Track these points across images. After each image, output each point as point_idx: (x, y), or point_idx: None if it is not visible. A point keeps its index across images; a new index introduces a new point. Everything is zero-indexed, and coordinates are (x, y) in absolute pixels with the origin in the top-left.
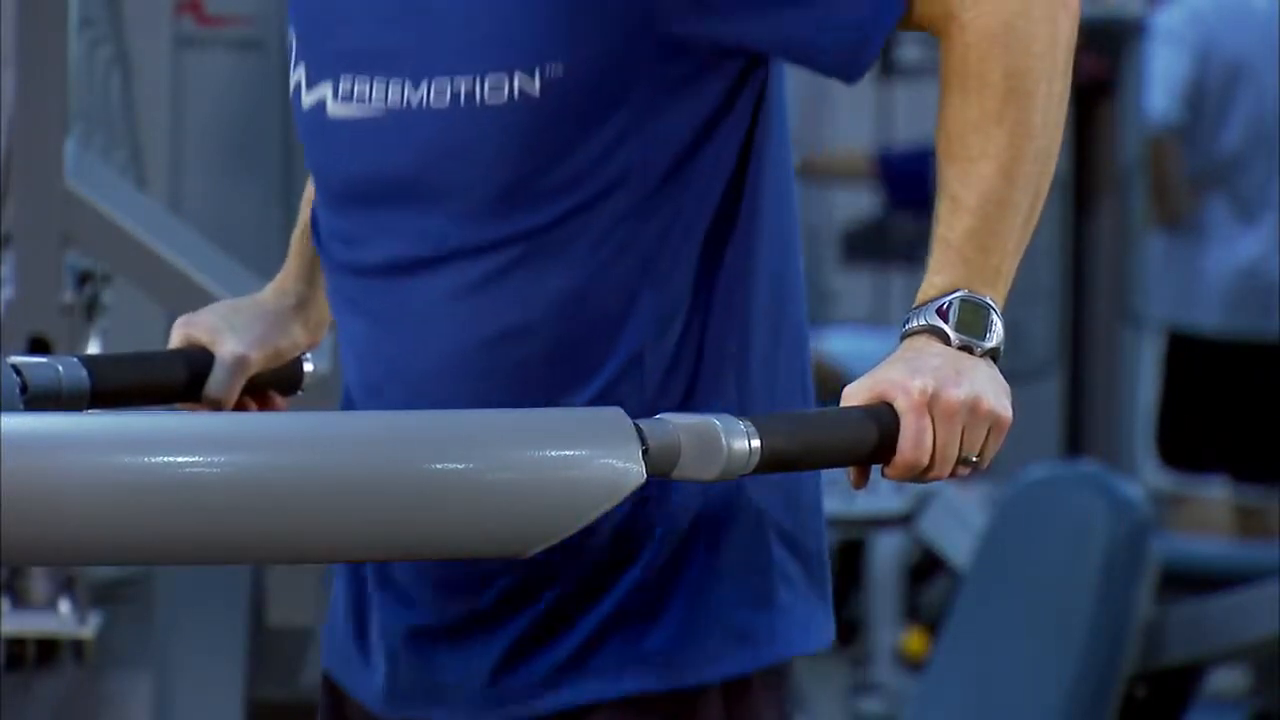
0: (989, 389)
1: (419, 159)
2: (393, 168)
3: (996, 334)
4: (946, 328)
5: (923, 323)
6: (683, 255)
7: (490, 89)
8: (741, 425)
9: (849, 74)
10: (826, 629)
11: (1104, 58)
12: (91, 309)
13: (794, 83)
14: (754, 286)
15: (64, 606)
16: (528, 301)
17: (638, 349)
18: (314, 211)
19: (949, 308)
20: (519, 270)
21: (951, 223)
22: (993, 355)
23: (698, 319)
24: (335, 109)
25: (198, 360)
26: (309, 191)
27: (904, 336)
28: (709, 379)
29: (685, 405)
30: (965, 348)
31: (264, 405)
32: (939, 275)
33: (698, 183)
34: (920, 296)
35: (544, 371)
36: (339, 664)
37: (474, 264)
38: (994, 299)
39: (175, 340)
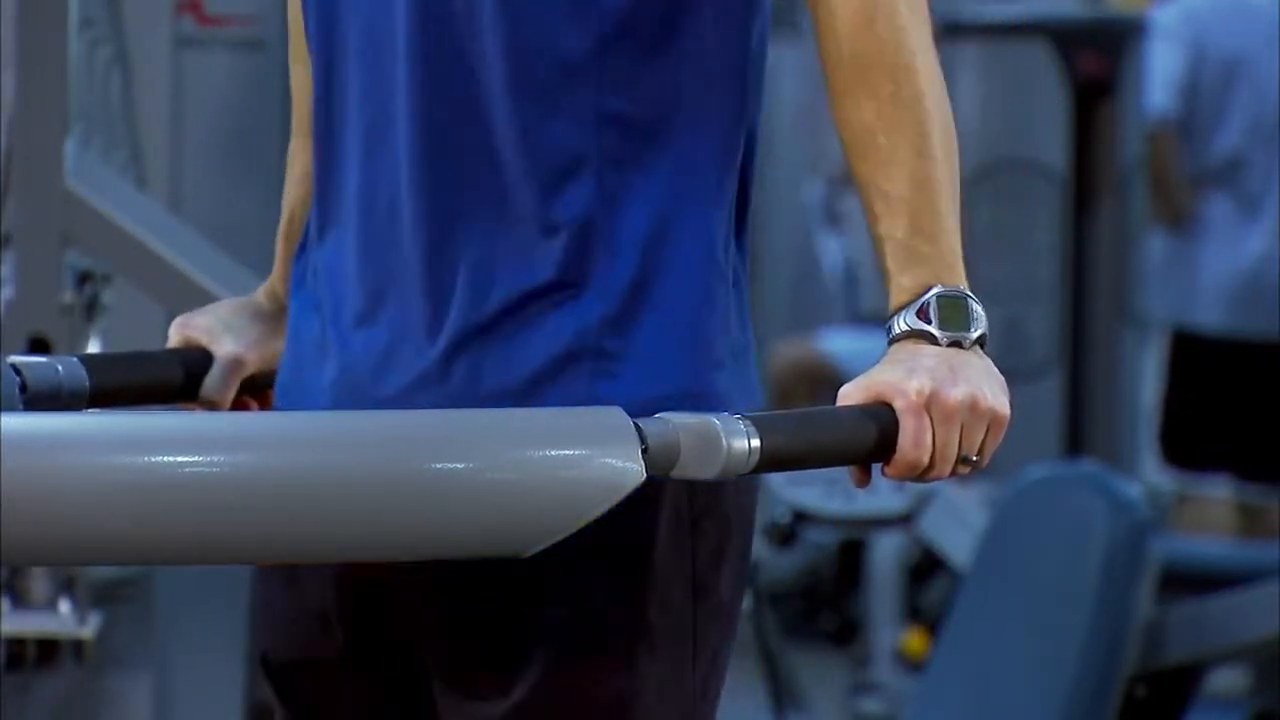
0: (986, 386)
1: None
2: None
3: (979, 322)
4: (932, 329)
5: (906, 328)
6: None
7: None
8: (741, 425)
9: None
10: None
11: (1104, 58)
12: (91, 309)
13: (794, 87)
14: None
15: (64, 606)
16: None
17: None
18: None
19: (928, 308)
20: None
21: (892, 220)
22: (980, 342)
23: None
24: None
25: (196, 360)
26: (290, 190)
27: (891, 343)
28: (678, 217)
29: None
30: (955, 343)
31: (263, 405)
32: (904, 276)
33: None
34: (894, 302)
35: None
36: (291, 379)
37: None
38: (964, 285)
39: (173, 340)
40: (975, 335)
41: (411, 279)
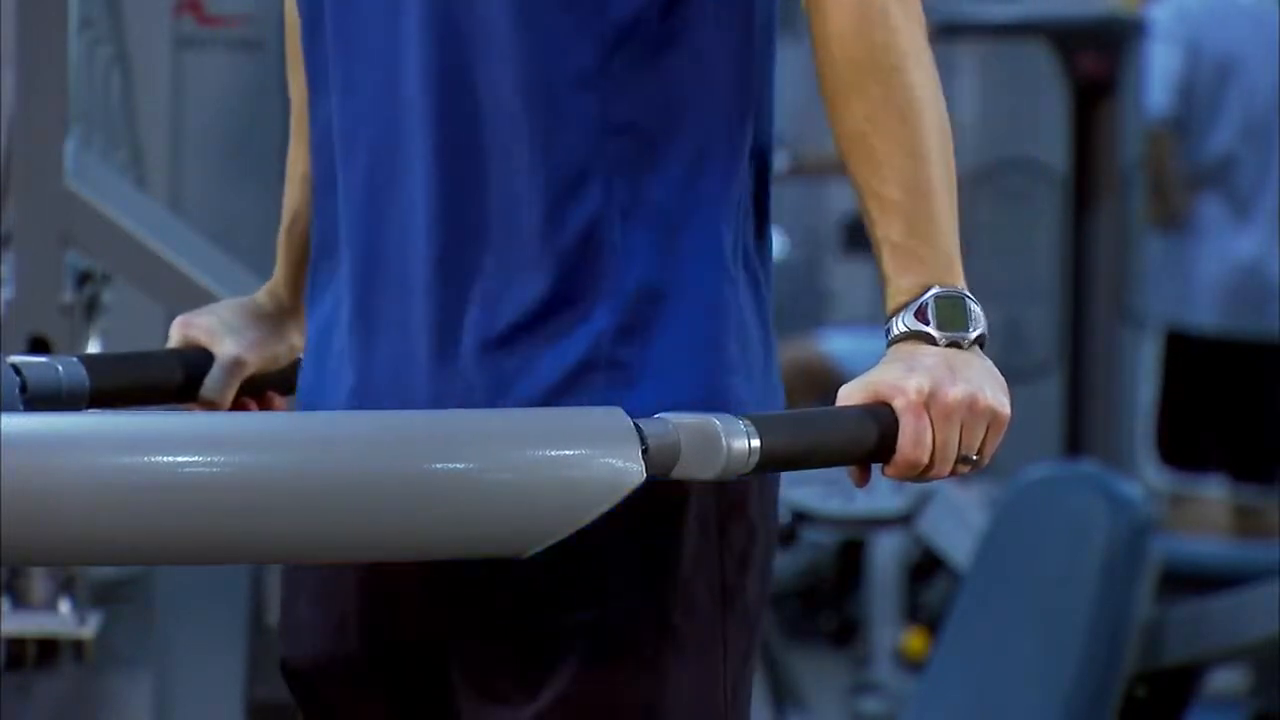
0: (986, 385)
1: None
2: None
3: (978, 322)
4: (930, 329)
5: (905, 329)
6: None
7: None
8: (741, 425)
9: None
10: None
11: (1104, 58)
12: (91, 309)
13: (792, 82)
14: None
15: (64, 606)
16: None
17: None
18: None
19: (927, 309)
20: None
21: (888, 222)
22: (979, 342)
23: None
24: None
25: (196, 360)
26: (292, 191)
27: (890, 344)
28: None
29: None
30: (953, 344)
31: (263, 405)
32: (902, 278)
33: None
34: (892, 303)
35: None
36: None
37: None
38: (962, 286)
39: (174, 339)
40: (974, 335)
41: (420, 296)
